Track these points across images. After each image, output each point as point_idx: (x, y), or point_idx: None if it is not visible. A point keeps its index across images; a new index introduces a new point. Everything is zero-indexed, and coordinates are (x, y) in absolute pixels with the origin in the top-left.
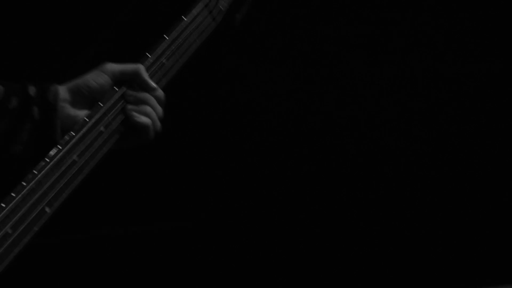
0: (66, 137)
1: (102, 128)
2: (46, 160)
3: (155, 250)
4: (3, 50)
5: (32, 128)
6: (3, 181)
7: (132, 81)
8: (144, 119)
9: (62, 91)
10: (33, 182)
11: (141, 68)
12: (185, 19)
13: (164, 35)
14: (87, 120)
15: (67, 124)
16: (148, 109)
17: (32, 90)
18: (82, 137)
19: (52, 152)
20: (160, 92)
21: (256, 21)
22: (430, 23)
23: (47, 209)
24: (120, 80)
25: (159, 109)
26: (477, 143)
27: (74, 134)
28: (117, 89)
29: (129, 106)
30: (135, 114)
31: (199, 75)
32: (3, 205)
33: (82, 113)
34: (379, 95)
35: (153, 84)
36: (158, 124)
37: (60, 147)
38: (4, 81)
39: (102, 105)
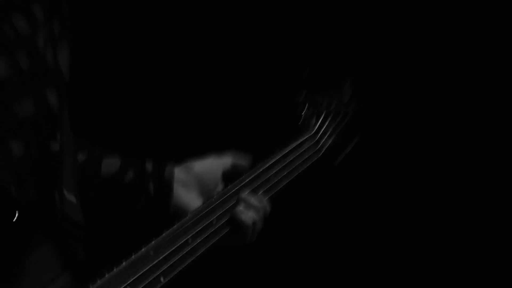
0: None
1: (214, 220)
2: (163, 232)
3: None
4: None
5: (146, 203)
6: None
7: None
8: (247, 219)
9: (177, 170)
10: (150, 249)
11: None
12: (293, 143)
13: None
14: (203, 207)
15: (178, 204)
16: (254, 215)
17: (149, 166)
18: (196, 222)
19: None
20: (267, 206)
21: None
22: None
23: (161, 279)
24: (230, 172)
25: (260, 225)
26: (477, 143)
27: (189, 216)
28: (231, 188)
29: (238, 207)
30: (239, 212)
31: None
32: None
33: (191, 195)
34: (379, 95)
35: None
36: (254, 235)
37: (177, 223)
38: (122, 154)
39: (216, 198)
